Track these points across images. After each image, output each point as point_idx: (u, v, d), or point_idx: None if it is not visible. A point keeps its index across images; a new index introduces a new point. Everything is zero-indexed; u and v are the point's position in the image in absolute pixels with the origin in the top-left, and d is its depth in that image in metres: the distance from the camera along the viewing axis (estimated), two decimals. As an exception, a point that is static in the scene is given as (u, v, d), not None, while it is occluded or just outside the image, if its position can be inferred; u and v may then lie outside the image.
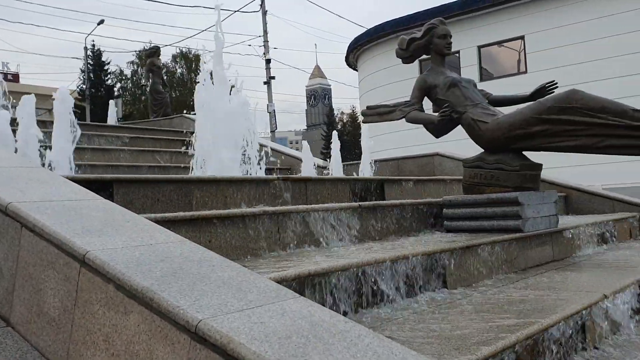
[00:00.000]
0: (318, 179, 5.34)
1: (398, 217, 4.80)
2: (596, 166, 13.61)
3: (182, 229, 3.20)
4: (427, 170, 8.69)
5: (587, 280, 3.93)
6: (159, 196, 4.03)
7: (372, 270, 3.13)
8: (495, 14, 17.74)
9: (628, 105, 4.33)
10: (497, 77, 17.93)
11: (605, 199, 7.23)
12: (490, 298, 3.34)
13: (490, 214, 4.71)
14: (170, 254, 2.22)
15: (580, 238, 5.39)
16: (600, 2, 15.85)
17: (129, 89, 48.87)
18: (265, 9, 24.05)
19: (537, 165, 4.93)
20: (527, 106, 4.75)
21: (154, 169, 7.84)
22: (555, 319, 2.75)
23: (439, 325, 2.68)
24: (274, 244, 3.66)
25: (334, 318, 1.88)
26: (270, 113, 22.82)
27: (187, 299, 1.85)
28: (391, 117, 5.42)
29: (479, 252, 3.99)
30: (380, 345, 1.73)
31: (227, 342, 1.64)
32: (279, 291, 2.03)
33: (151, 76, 14.76)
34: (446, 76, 5.24)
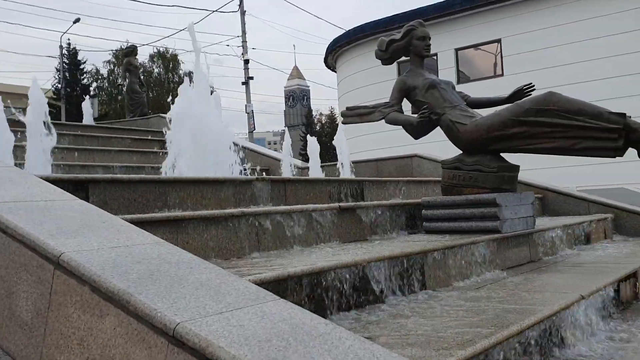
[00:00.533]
0: (297, 180, 5.32)
1: (378, 218, 4.80)
2: (572, 168, 13.82)
3: (159, 230, 3.16)
4: (405, 171, 8.72)
5: (564, 281, 3.96)
6: (135, 197, 3.97)
7: (351, 272, 3.11)
8: (472, 17, 17.91)
9: (604, 108, 4.38)
10: (474, 80, 18.10)
11: (580, 200, 7.32)
12: (470, 299, 3.35)
13: (468, 215, 4.73)
14: (147, 255, 2.18)
15: (556, 239, 5.44)
16: (573, 6, 16.10)
17: (105, 88, 48.25)
18: (243, 9, 23.96)
19: (514, 166, 4.96)
20: (505, 108, 4.79)
21: (131, 169, 7.75)
22: (534, 320, 2.77)
23: (420, 327, 2.67)
24: (253, 245, 3.63)
25: (314, 320, 1.86)
26: (249, 113, 22.73)
27: (165, 302, 1.81)
28: (371, 118, 5.42)
29: (458, 253, 4.00)
30: (362, 348, 1.72)
31: (205, 345, 1.61)
32: (258, 293, 2.00)
33: (128, 76, 14.60)
34: (425, 78, 5.26)
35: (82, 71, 42.71)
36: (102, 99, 44.33)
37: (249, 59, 23.71)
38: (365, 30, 20.13)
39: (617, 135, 4.27)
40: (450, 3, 18.20)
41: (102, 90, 47.65)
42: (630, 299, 4.42)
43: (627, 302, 4.32)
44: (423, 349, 2.28)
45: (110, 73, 47.77)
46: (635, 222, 6.98)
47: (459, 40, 18.29)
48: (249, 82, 23.55)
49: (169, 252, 2.27)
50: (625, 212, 7.07)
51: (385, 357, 1.69)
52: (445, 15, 18.21)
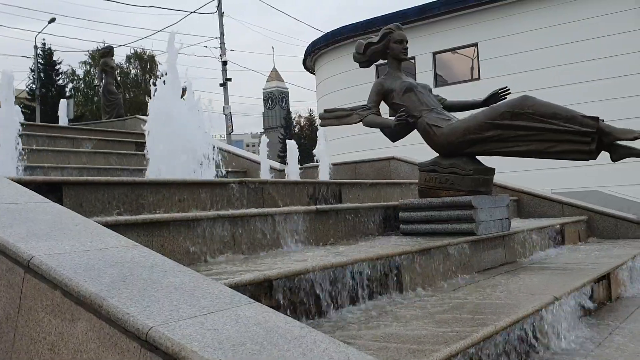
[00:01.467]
0: (275, 182, 5.30)
1: (355, 220, 4.80)
2: (547, 170, 14.01)
3: (134, 233, 3.12)
4: (383, 174, 8.75)
5: (539, 282, 4.01)
6: (110, 199, 3.92)
7: (328, 274, 3.10)
8: (449, 21, 18.06)
9: (578, 112, 4.45)
10: (452, 83, 18.24)
11: (554, 202, 7.42)
12: (445, 301, 3.37)
13: (445, 217, 4.77)
14: (120, 259, 2.15)
15: (531, 241, 5.51)
16: (549, 12, 16.33)
17: (81, 89, 47.69)
18: (222, 10, 23.85)
19: (489, 169, 5.01)
20: (481, 112, 4.83)
21: (107, 171, 7.65)
22: (508, 322, 2.79)
23: (395, 329, 2.68)
24: (229, 248, 3.60)
25: (289, 324, 1.85)
26: (227, 115, 22.62)
27: (138, 306, 1.79)
28: (348, 121, 5.43)
29: (434, 255, 4.03)
30: (337, 351, 1.71)
31: (178, 349, 1.59)
32: (233, 297, 1.99)
33: (104, 76, 14.42)
34: (402, 81, 5.29)
35: (57, 72, 42.15)
36: (78, 100, 43.80)
37: (227, 61, 23.63)
38: (344, 32, 20.17)
39: (590, 138, 4.34)
40: (428, 7, 18.34)
41: (78, 91, 47.11)
42: (604, 300, 4.49)
43: (600, 303, 4.38)
44: (398, 351, 2.28)
45: (87, 74, 47.27)
46: (607, 224, 7.10)
47: (436, 44, 18.43)
48: (227, 83, 23.45)
49: (142, 255, 2.25)
50: (598, 214, 7.18)
51: (360, 359, 1.69)
52: (423, 19, 18.33)
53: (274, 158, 21.12)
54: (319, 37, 21.76)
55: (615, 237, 7.02)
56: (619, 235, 7.01)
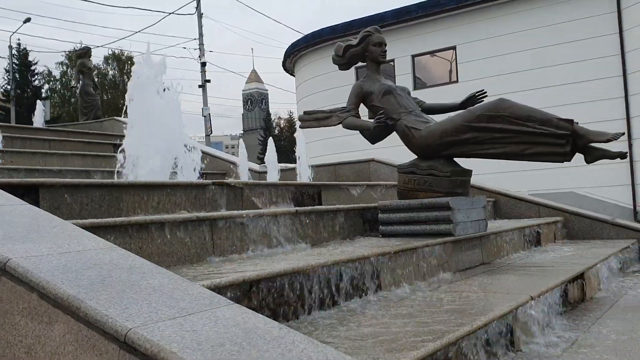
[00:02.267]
0: (254, 184, 5.30)
1: (335, 222, 4.83)
2: (524, 172, 14.20)
3: (111, 236, 3.10)
4: (363, 176, 8.79)
5: (515, 282, 4.07)
6: (87, 201, 3.88)
7: (307, 275, 3.12)
8: (428, 25, 18.23)
9: (553, 114, 4.53)
10: (430, 86, 18.40)
11: (531, 204, 7.53)
12: (424, 301, 3.41)
13: (423, 218, 4.81)
14: (99, 261, 2.15)
15: (508, 241, 5.59)
16: (526, 15, 16.57)
17: (58, 90, 47.10)
18: (200, 11, 23.75)
19: (467, 171, 5.07)
20: (458, 114, 4.89)
21: (84, 173, 7.58)
22: (485, 321, 2.83)
23: (373, 329, 2.71)
24: (208, 250, 3.60)
25: (268, 325, 1.87)
26: (205, 117, 22.52)
27: (116, 307, 1.79)
28: (328, 123, 5.45)
29: (412, 256, 4.07)
30: (315, 351, 1.73)
31: (157, 351, 1.59)
32: (212, 298, 2.00)
33: (81, 78, 14.28)
34: (382, 83, 5.33)
35: (33, 72, 41.58)
36: (54, 102, 43.24)
37: (206, 62, 23.54)
38: (323, 35, 20.24)
39: (565, 140, 4.42)
40: (406, 10, 18.49)
41: (54, 92, 46.51)
42: (579, 300, 4.57)
43: (575, 302, 4.46)
44: (376, 350, 2.31)
45: (63, 75, 46.70)
46: (582, 225, 7.22)
47: (415, 47, 18.58)
48: (205, 85, 23.35)
49: (121, 257, 2.24)
50: (574, 215, 7.30)
51: (338, 359, 1.71)
52: (402, 22, 18.48)
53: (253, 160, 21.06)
54: (298, 39, 21.80)
55: (590, 237, 7.15)
56: (594, 235, 7.14)
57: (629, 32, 15.19)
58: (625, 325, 3.79)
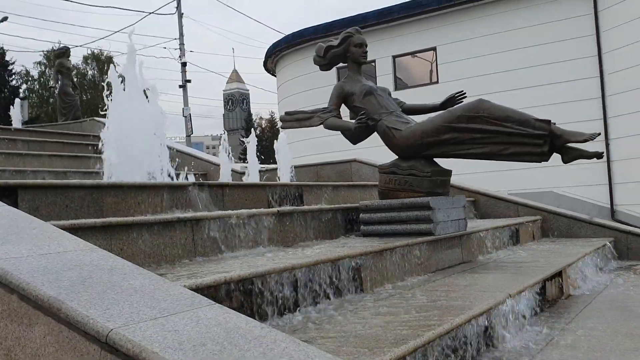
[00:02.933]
0: (236, 185, 5.30)
1: (316, 222, 4.85)
2: (503, 172, 14.35)
3: (92, 237, 3.09)
4: (345, 176, 8.83)
5: (494, 281, 4.12)
6: (67, 202, 3.86)
7: (290, 275, 3.14)
8: (409, 25, 18.31)
9: (531, 115, 4.60)
10: (411, 87, 18.50)
11: (510, 203, 7.62)
12: (404, 299, 3.44)
13: (404, 218, 4.85)
14: (79, 262, 2.14)
15: (487, 240, 5.65)
16: (506, 16, 16.73)
17: (36, 90, 46.50)
18: (181, 11, 23.63)
19: (447, 171, 5.13)
20: (438, 115, 4.94)
21: (64, 174, 7.51)
22: (464, 319, 2.87)
23: (355, 328, 2.73)
24: (190, 251, 3.60)
25: (250, 324, 1.88)
26: (186, 117, 22.40)
27: (97, 308, 1.79)
28: (310, 124, 5.47)
29: (393, 255, 4.10)
30: (297, 350, 1.75)
31: (139, 351, 1.60)
32: (193, 299, 2.01)
33: (60, 78, 14.12)
34: (363, 84, 5.36)
35: (10, 72, 40.99)
36: (32, 102, 42.68)
37: (187, 62, 23.41)
38: (305, 35, 20.23)
39: (542, 141, 4.49)
40: (387, 11, 18.55)
41: (32, 92, 45.91)
42: (556, 297, 4.64)
43: (552, 300, 4.53)
44: (357, 348, 2.33)
45: (42, 75, 46.13)
46: (560, 224, 7.33)
47: (396, 48, 18.66)
48: (186, 85, 23.24)
49: (102, 258, 2.24)
50: (552, 214, 7.41)
51: (320, 357, 1.73)
52: (383, 22, 18.53)
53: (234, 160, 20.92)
54: (279, 39, 21.76)
55: (568, 236, 7.25)
56: (572, 234, 7.24)
57: (605, 33, 15.42)
58: (602, 323, 3.86)
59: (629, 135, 14.79)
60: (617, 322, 3.89)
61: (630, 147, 14.76)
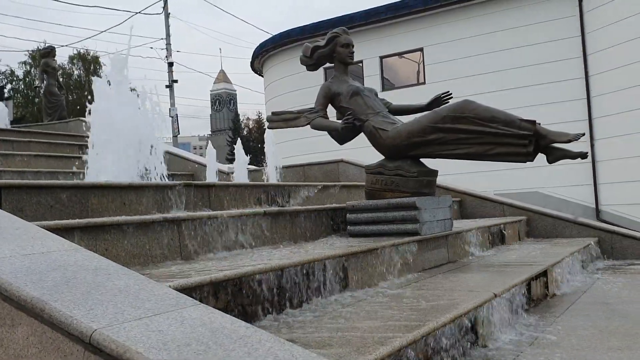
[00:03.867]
0: (222, 185, 5.28)
1: (303, 222, 4.85)
2: (490, 172, 14.43)
3: (77, 237, 3.08)
4: (332, 177, 8.84)
5: (479, 280, 4.15)
6: (53, 203, 3.83)
7: (276, 276, 3.14)
8: (396, 26, 18.37)
9: (516, 115, 4.63)
10: (398, 87, 18.55)
11: (496, 203, 7.67)
12: (390, 299, 3.45)
13: (390, 218, 4.87)
14: (63, 262, 2.13)
15: (473, 240, 5.69)
16: (492, 18, 16.84)
17: (21, 90, 46.07)
18: (168, 11, 23.53)
19: (433, 171, 5.15)
20: (424, 115, 4.97)
21: (49, 175, 7.45)
22: (449, 318, 2.89)
23: (341, 328, 2.74)
24: (175, 251, 3.59)
25: (235, 324, 1.88)
26: (173, 117, 22.31)
27: (81, 309, 1.78)
28: (296, 124, 5.47)
29: (379, 255, 4.11)
30: (282, 349, 1.75)
31: (123, 351, 1.59)
32: (178, 299, 2.00)
33: (45, 77, 14.01)
34: (349, 85, 5.37)
35: (-6, 72, 40.64)
36: (17, 102, 42.30)
37: (173, 62, 23.32)
38: (292, 35, 20.22)
39: (527, 141, 4.53)
40: (375, 11, 18.59)
41: (17, 92, 45.50)
42: (542, 296, 4.68)
43: (538, 299, 4.57)
44: (343, 348, 2.34)
45: (27, 74, 45.71)
46: (546, 224, 7.39)
47: (383, 48, 18.71)
48: (173, 85, 23.14)
49: (86, 258, 2.23)
50: (537, 214, 7.47)
51: (305, 357, 1.73)
52: (371, 23, 18.58)
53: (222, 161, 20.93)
54: (266, 40, 21.74)
55: (554, 236, 7.32)
56: (557, 234, 7.31)
57: (590, 35, 15.57)
58: (586, 322, 3.90)
59: (614, 135, 14.95)
60: (601, 320, 3.93)
61: (614, 148, 14.92)
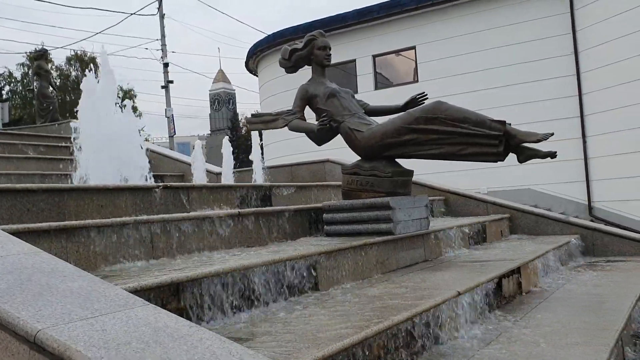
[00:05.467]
0: (202, 187, 5.37)
1: (280, 223, 4.92)
2: (482, 170, 14.48)
3: (47, 240, 3.15)
4: (318, 176, 8.92)
5: (448, 278, 4.23)
6: (29, 206, 3.92)
7: (242, 275, 3.21)
8: (388, 25, 18.41)
9: (487, 116, 4.71)
10: (392, 86, 18.62)
11: (479, 201, 7.75)
12: (356, 297, 3.52)
13: (365, 218, 4.95)
14: (20, 265, 2.21)
15: (451, 239, 5.77)
16: (484, 15, 16.89)
17: (19, 92, 46.14)
18: (162, 12, 23.59)
19: (408, 171, 5.23)
20: (398, 116, 5.05)
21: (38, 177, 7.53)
22: (406, 316, 2.97)
23: (302, 326, 2.82)
24: (147, 253, 3.66)
25: (179, 323, 1.96)
26: (169, 118, 22.38)
27: (30, 310, 1.86)
28: (275, 125, 5.55)
29: (350, 254, 4.19)
30: (220, 347, 1.84)
31: (64, 350, 1.68)
32: (128, 299, 2.08)
33: (38, 80, 14.09)
34: (326, 86, 5.45)
35: (-8, 74, 40.66)
36: (16, 103, 42.38)
37: (169, 63, 23.38)
38: (285, 35, 20.25)
39: (498, 141, 4.61)
40: (367, 10, 18.65)
41: (15, 94, 45.58)
42: (514, 293, 4.76)
43: (510, 296, 4.64)
44: (294, 343, 2.42)
45: (24, 76, 45.77)
46: (528, 222, 7.47)
47: (376, 47, 18.76)
48: (168, 86, 23.21)
49: (44, 261, 2.31)
50: (520, 212, 7.55)
51: (242, 354, 1.82)
52: (363, 22, 18.63)
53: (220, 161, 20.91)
54: (260, 40, 21.80)
55: (536, 233, 7.40)
56: (539, 232, 7.39)
57: (581, 32, 15.63)
58: (553, 318, 3.98)
59: (606, 132, 15.01)
60: (569, 316, 4.02)
61: (606, 145, 14.97)
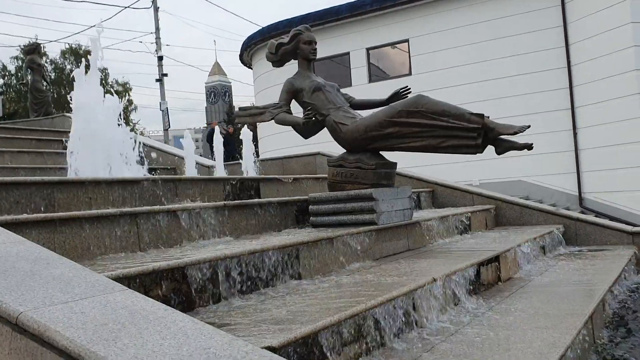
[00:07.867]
0: (190, 179, 5.49)
1: (266, 214, 5.05)
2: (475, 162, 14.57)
3: (35, 231, 3.27)
4: (309, 169, 9.04)
5: (428, 266, 4.35)
6: (18, 199, 4.03)
7: (225, 265, 3.33)
8: (382, 18, 18.49)
9: (466, 109, 4.84)
10: (385, 79, 18.70)
11: (465, 192, 7.89)
12: (337, 285, 3.65)
13: (349, 209, 5.08)
14: (4, 253, 2.33)
15: (434, 229, 5.90)
16: (474, 9, 16.99)
17: (14, 85, 46.11)
18: (157, 5, 23.62)
19: (392, 163, 5.36)
20: (381, 110, 5.17)
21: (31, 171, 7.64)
22: (380, 301, 3.09)
23: (279, 311, 2.94)
24: (133, 243, 3.78)
25: (154, 307, 2.08)
26: (163, 111, 22.46)
27: (13, 295, 1.98)
28: (262, 119, 5.66)
29: (334, 244, 4.32)
30: (192, 328, 1.96)
31: (43, 330, 1.80)
32: (107, 285, 2.20)
33: (31, 74, 14.16)
34: (312, 80, 5.56)
35: (-14, 67, 40.62)
36: (10, 97, 42.36)
37: (163, 56, 23.44)
38: (279, 28, 20.32)
39: (476, 134, 4.73)
40: (360, 3, 18.72)
41: (10, 87, 45.55)
42: (493, 281, 4.90)
43: (489, 284, 4.78)
44: (268, 328, 2.54)
45: (19, 70, 45.71)
46: (513, 212, 7.61)
47: (369, 40, 18.84)
48: (163, 79, 23.27)
49: (28, 250, 2.43)
50: (505, 202, 7.69)
51: (212, 334, 1.94)
52: (357, 15, 18.70)
53: (214, 154, 20.95)
54: (254, 32, 21.87)
55: (520, 223, 7.54)
56: (523, 222, 7.53)
57: (572, 25, 15.74)
58: (527, 304, 4.13)
59: (596, 124, 15.15)
60: (542, 303, 4.16)
61: (597, 136, 15.12)
